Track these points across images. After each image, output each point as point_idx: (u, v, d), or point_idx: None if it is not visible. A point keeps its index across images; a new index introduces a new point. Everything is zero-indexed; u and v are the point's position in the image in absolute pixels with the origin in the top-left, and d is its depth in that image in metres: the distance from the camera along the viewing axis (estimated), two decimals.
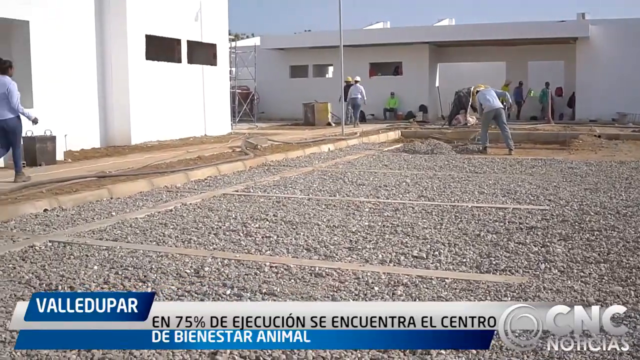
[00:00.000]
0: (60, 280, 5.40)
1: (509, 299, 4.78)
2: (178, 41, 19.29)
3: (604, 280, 5.24)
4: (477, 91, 17.32)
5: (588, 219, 7.65)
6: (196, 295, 5.02)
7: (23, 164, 11.12)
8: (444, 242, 6.57)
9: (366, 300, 4.82)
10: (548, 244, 6.47)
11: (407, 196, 9.54)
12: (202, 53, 20.48)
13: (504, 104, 22.76)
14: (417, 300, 4.77)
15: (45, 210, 8.72)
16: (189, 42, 19.66)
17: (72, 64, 15.59)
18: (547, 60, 31.04)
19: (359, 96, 26.37)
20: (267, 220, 7.85)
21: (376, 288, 5.09)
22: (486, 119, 16.77)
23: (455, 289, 5.05)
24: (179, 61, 19.30)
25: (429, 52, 31.02)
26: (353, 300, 4.82)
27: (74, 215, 8.39)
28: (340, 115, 27.50)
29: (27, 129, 12.54)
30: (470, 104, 23.42)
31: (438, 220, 7.71)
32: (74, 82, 15.75)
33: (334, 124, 26.21)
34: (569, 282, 5.18)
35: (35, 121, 10.99)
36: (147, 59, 17.89)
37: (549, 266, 5.64)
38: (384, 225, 7.42)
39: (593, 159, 14.55)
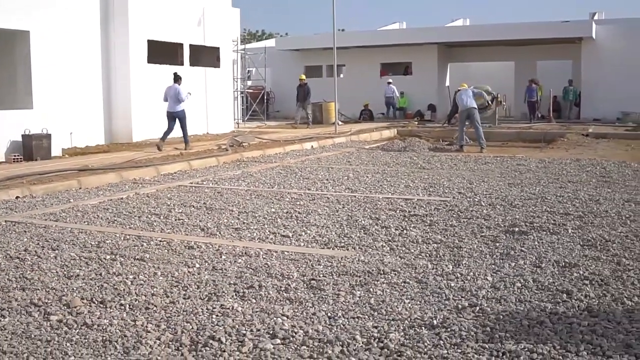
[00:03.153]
0: None
1: (320, 265, 5.90)
2: (180, 45, 20.66)
3: (418, 257, 6.29)
4: (458, 90, 18.21)
5: (472, 209, 8.64)
6: (85, 259, 6.24)
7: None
8: (321, 225, 7.69)
9: (202, 268, 5.98)
10: (409, 227, 7.52)
11: (335, 188, 10.63)
12: (205, 56, 21.82)
13: (500, 103, 23.68)
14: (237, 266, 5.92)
15: (17, 197, 10.07)
16: (191, 45, 21.00)
17: (77, 68, 17.23)
18: (556, 60, 31.57)
19: (393, 95, 29.97)
20: (193, 207, 9.06)
21: (223, 257, 6.26)
22: (461, 118, 17.68)
23: (288, 259, 6.18)
24: (181, 64, 20.64)
25: (438, 52, 31.87)
26: (191, 267, 6.00)
27: (38, 202, 9.72)
28: (346, 115, 28.69)
29: (25, 127, 14.12)
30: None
31: (337, 208, 8.81)
32: (80, 84, 17.42)
33: (340, 123, 27.29)
34: (388, 257, 6.24)
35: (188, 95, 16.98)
36: (149, 62, 19.29)
37: (384, 245, 6.71)
38: (286, 212, 8.56)
39: (555, 157, 15.34)
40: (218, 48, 22.23)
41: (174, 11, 20.04)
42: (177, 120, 16.72)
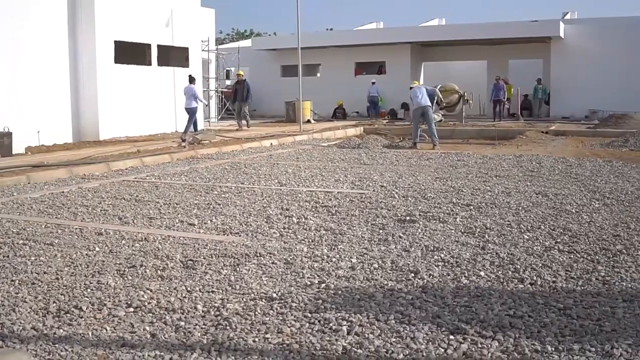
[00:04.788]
0: None
1: (206, 249, 6.51)
2: (148, 46, 21.25)
3: (300, 242, 6.88)
4: (411, 87, 18.73)
5: (383, 201, 9.22)
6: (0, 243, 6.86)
7: None
8: (230, 215, 8.28)
9: (100, 251, 6.58)
10: (310, 217, 8.12)
11: (266, 183, 11.21)
12: (174, 56, 22.39)
13: (467, 101, 24.26)
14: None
15: None
16: (159, 46, 21.59)
17: (44, 68, 17.93)
18: (527, 59, 32.20)
19: (377, 94, 30.62)
20: (124, 199, 9.64)
21: (123, 242, 6.86)
22: (414, 116, 18.22)
23: (180, 243, 6.78)
24: (149, 64, 21.23)
25: (412, 51, 32.47)
26: (91, 250, 6.59)
27: None
28: (320, 113, 29.29)
29: None
30: (435, 101, 24.86)
31: (256, 200, 9.40)
32: (47, 84, 18.11)
33: (314, 121, 27.90)
34: (272, 242, 6.84)
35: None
36: (116, 62, 19.87)
37: (276, 232, 7.31)
38: (207, 203, 9.15)
39: (501, 153, 15.91)
40: (187, 48, 22.79)
41: (141, 12, 20.62)
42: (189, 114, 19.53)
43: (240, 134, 20.70)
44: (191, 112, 19.57)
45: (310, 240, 6.89)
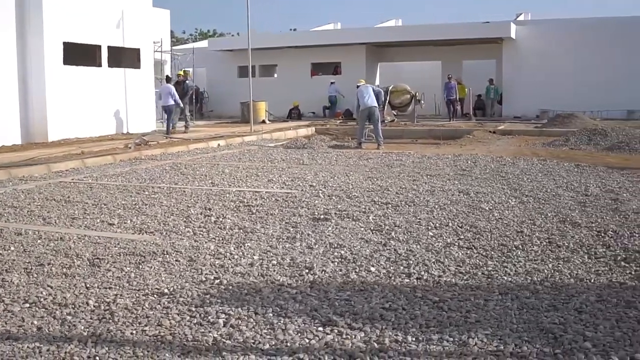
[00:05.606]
0: None
1: (117, 247, 6.74)
2: (98, 47, 21.33)
3: (210, 240, 7.14)
4: (357, 86, 19.01)
5: (307, 200, 9.48)
6: None
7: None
8: (152, 214, 8.51)
9: (15, 250, 6.78)
10: (229, 216, 8.38)
11: (200, 183, 11.42)
12: (125, 57, 22.49)
13: (419, 101, 24.63)
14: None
15: None
16: (110, 47, 21.68)
17: None
18: (480, 60, 32.75)
19: (335, 94, 31.12)
20: (55, 200, 9.79)
21: (39, 241, 7.06)
22: (361, 117, 18.50)
23: (93, 242, 7.00)
24: (99, 65, 21.31)
25: (367, 52, 32.86)
26: (6, 250, 6.78)
27: None
28: (275, 114, 29.52)
29: None
30: (388, 101, 25.29)
31: (183, 200, 9.63)
32: None
33: (268, 122, 28.15)
34: (183, 241, 7.09)
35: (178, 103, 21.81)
36: (65, 64, 19.94)
37: (190, 230, 7.56)
38: (134, 204, 9.36)
39: (441, 153, 16.30)
40: (139, 49, 22.89)
41: (91, 13, 20.69)
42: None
43: (190, 135, 20.87)
44: (169, 110, 21.59)
45: (221, 239, 7.14)
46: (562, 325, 4.52)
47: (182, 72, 25.81)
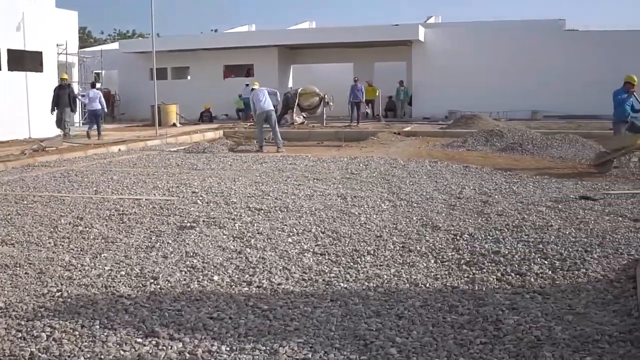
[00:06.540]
0: None
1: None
2: None
3: (65, 249, 7.22)
4: (252, 89, 19.15)
5: (183, 207, 9.61)
6: None
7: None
8: (18, 225, 8.51)
9: None
10: (95, 226, 8.46)
11: (83, 191, 11.36)
12: (27, 60, 22.14)
13: (328, 103, 24.93)
14: None
15: None
16: (9, 50, 21.30)
17: None
18: (391, 62, 33.38)
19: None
20: None
21: None
22: (259, 120, 18.69)
23: None
24: None
25: (279, 54, 33.11)
26: None
27: None
28: (186, 117, 29.48)
29: None
30: (297, 103, 25.55)
31: (57, 209, 9.62)
32: None
33: (179, 125, 28.08)
34: (39, 252, 7.15)
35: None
36: None
37: (52, 242, 7.62)
38: (6, 214, 9.32)
39: (338, 155, 16.62)
40: (41, 52, 22.55)
41: None
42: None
43: (92, 140, 20.68)
44: (95, 114, 22.12)
45: (80, 250, 7.22)
46: (377, 332, 4.74)
47: (65, 76, 25.41)
